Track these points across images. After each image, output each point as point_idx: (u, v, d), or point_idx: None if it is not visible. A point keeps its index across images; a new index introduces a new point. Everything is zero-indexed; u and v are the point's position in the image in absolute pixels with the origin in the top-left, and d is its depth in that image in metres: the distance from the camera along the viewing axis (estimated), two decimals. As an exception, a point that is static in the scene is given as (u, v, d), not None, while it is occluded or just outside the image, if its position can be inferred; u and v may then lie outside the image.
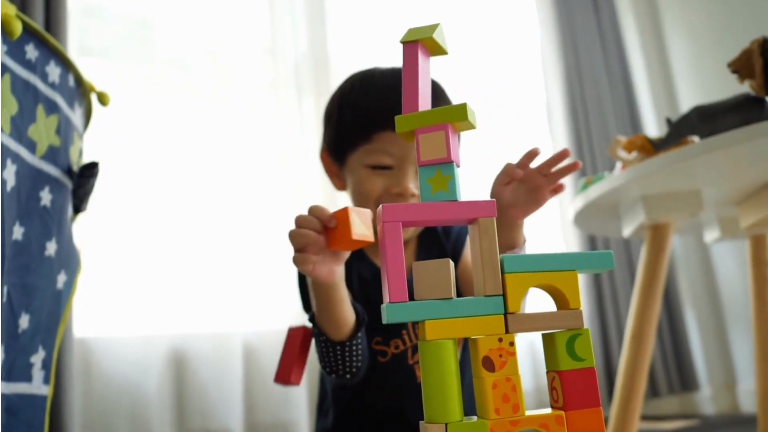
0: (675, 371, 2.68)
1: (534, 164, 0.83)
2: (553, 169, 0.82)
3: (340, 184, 1.07)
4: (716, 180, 1.29)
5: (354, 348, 0.86)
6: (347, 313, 0.84)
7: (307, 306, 0.99)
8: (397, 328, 0.99)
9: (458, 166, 0.59)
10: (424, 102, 0.62)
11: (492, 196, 0.84)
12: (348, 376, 0.89)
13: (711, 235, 1.64)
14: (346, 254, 0.78)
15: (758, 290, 1.66)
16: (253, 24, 2.23)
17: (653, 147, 1.21)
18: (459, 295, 1.00)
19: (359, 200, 1.01)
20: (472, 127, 0.61)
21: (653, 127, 2.88)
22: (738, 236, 1.65)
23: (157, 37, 2.09)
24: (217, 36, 2.17)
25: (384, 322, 0.55)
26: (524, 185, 0.83)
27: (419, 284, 0.56)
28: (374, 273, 1.02)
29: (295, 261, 0.74)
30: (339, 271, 0.78)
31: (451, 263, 0.56)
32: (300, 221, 0.74)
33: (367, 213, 0.72)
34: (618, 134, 2.66)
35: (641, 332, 1.32)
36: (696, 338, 2.79)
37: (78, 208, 1.17)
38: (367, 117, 0.98)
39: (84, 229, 1.66)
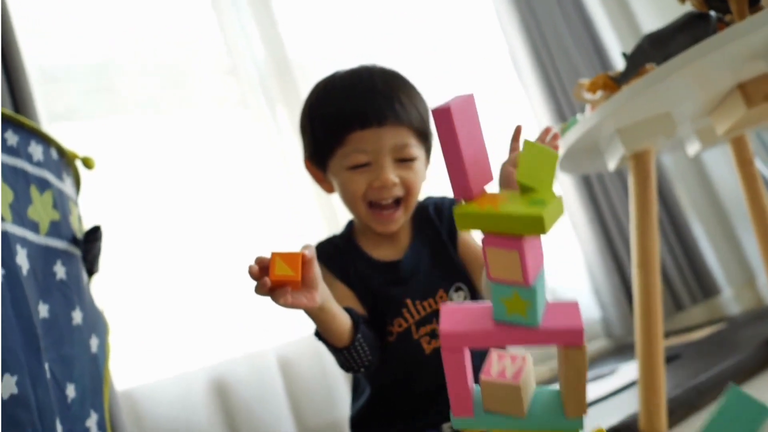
0: (693, 281, 2.74)
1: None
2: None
3: (328, 187, 1.13)
4: (682, 98, 1.33)
5: (358, 348, 0.95)
6: (341, 324, 0.92)
7: None
8: (397, 308, 1.05)
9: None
10: (479, 175, 0.52)
11: (501, 181, 0.89)
12: (362, 369, 0.98)
13: (692, 148, 1.68)
14: (317, 281, 0.85)
15: (750, 188, 1.71)
16: (210, 49, 2.26)
17: (615, 83, 1.25)
18: (466, 273, 1.06)
19: (348, 200, 1.07)
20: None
21: (621, 61, 2.90)
22: (719, 142, 1.70)
23: (120, 83, 2.11)
24: (178, 67, 2.21)
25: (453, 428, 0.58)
26: None
27: (487, 400, 0.55)
28: (371, 265, 1.08)
29: (272, 298, 0.82)
30: (318, 297, 0.85)
31: (525, 385, 0.55)
32: (248, 269, 0.82)
33: (294, 255, 0.80)
34: (589, 72, 2.70)
35: (645, 259, 1.37)
36: (707, 245, 2.84)
37: (91, 272, 1.22)
38: (336, 123, 1.04)
39: (100, 287, 1.71)
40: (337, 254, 1.10)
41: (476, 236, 1.16)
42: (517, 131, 0.91)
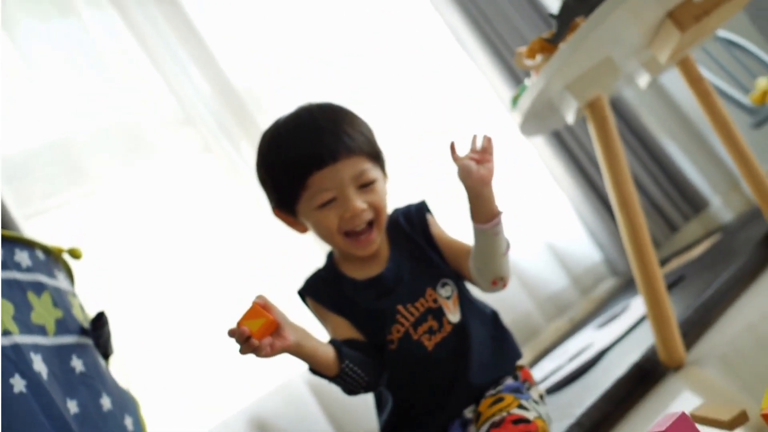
0: (681, 200, 2.79)
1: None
2: (477, 154, 1.00)
3: (301, 228, 1.17)
4: (618, 40, 1.38)
5: (349, 372, 1.03)
6: (324, 354, 1.00)
7: None
8: (391, 317, 1.10)
9: None
10: None
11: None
12: (362, 390, 1.06)
13: (643, 80, 1.72)
14: (289, 325, 0.94)
15: (706, 103, 1.75)
16: (160, 104, 2.27)
17: (551, 44, 1.29)
18: (448, 268, 1.12)
19: (325, 236, 1.12)
20: None
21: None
22: (666, 68, 1.74)
23: (84, 159, 2.12)
24: (136, 130, 2.21)
25: None
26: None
27: None
28: (356, 286, 1.13)
29: (256, 355, 0.91)
30: (290, 335, 0.93)
31: None
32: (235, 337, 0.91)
33: (251, 309, 0.90)
34: (532, 32, 2.72)
35: (623, 198, 1.41)
36: (686, 163, 2.89)
37: (106, 355, 1.25)
38: (294, 170, 1.08)
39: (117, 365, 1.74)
40: (325, 286, 1.14)
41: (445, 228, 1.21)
42: (452, 147, 1.00)
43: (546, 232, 2.68)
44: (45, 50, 2.11)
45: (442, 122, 2.61)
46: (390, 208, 1.16)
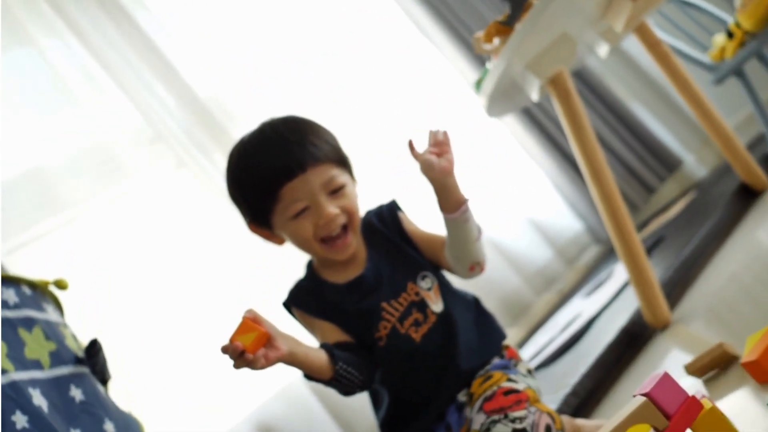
0: (654, 162, 2.83)
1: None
2: (436, 147, 1.04)
3: (278, 241, 1.19)
4: (572, 15, 1.40)
5: (344, 374, 1.06)
6: (317, 359, 1.03)
7: None
8: (377, 315, 1.13)
9: None
10: None
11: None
12: (358, 390, 1.09)
13: (602, 50, 1.74)
14: (280, 335, 0.97)
15: (666, 65, 1.79)
16: (128, 124, 2.26)
17: (507, 26, 1.31)
18: (425, 261, 1.15)
19: (302, 245, 1.14)
20: None
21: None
22: (624, 36, 1.77)
23: (59, 187, 2.12)
24: (107, 152, 2.21)
25: None
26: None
27: None
28: (339, 290, 1.15)
29: (251, 368, 0.93)
30: (282, 344, 0.96)
31: None
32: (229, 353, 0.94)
33: (242, 324, 0.93)
34: (494, 13, 2.74)
35: (594, 168, 1.44)
36: (655, 124, 2.93)
37: (104, 381, 1.26)
38: (264, 185, 1.11)
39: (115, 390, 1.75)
40: (308, 295, 1.17)
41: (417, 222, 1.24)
42: (410, 145, 1.04)
43: (526, 208, 2.71)
44: (6, 81, 2.10)
45: (416, 115, 2.63)
46: (362, 211, 1.18)
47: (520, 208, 2.69)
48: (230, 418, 1.92)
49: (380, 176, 2.42)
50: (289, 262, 2.08)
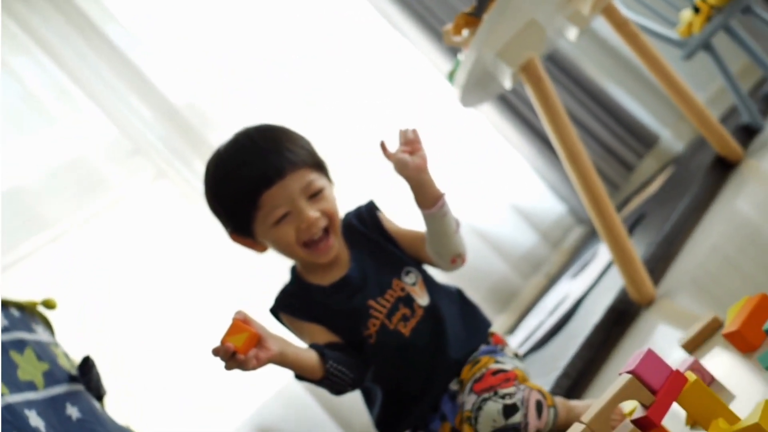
0: (631, 139, 2.86)
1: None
2: (408, 146, 1.08)
3: (261, 248, 1.20)
4: (538, 2, 1.42)
5: (335, 372, 1.07)
6: (308, 359, 1.05)
7: None
8: (365, 313, 1.14)
9: None
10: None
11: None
12: (349, 388, 1.11)
13: (572, 33, 1.76)
14: (270, 336, 0.98)
15: (634, 44, 1.81)
16: (105, 138, 2.25)
17: (474, 17, 1.32)
18: (407, 257, 1.17)
19: (285, 251, 1.16)
20: None
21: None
22: (592, 18, 1.78)
23: (40, 206, 2.11)
24: (86, 168, 2.20)
25: None
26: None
27: None
28: (326, 292, 1.17)
29: (243, 369, 0.94)
30: (273, 345, 0.97)
31: None
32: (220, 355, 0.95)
33: (233, 325, 0.95)
34: (464, 3, 2.74)
35: (570, 152, 1.46)
36: (629, 101, 2.95)
37: (100, 397, 1.27)
38: (244, 194, 1.12)
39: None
40: (295, 299, 1.18)
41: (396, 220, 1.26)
42: (382, 146, 1.07)
43: (508, 194, 2.73)
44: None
45: (394, 111, 2.64)
46: (341, 213, 1.19)
47: (502, 194, 2.71)
48: (228, 422, 1.92)
49: (360, 176, 2.43)
50: (277, 265, 2.10)
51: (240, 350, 0.93)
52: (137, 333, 1.98)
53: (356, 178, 2.40)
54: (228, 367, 0.94)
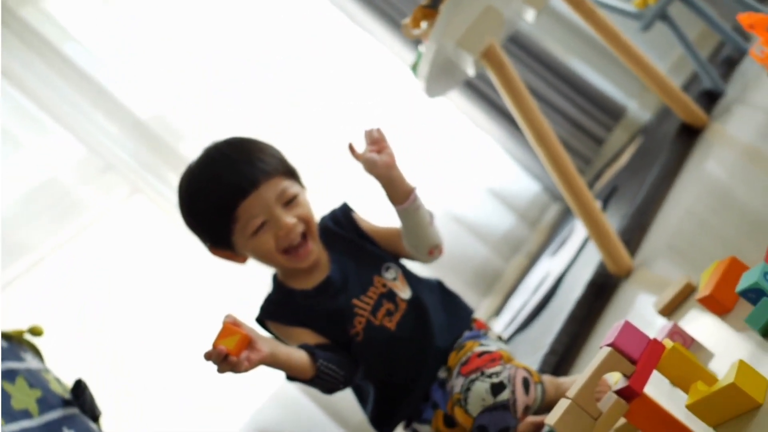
0: (599, 113, 2.89)
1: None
2: (374, 145, 1.11)
3: (241, 260, 1.22)
4: (494, -12, 1.43)
5: (326, 371, 1.09)
6: (299, 359, 1.06)
7: None
8: (350, 312, 1.16)
9: None
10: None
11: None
12: (341, 387, 1.13)
13: (529, 15, 1.78)
14: (260, 338, 0.99)
15: (593, 21, 1.84)
16: (75, 160, 2.24)
17: (431, 9, 1.34)
18: (386, 253, 1.20)
19: (266, 259, 1.17)
20: None
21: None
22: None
23: (17, 233, 2.09)
24: (56, 192, 2.18)
25: None
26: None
27: None
28: (309, 296, 1.18)
29: (234, 371, 0.95)
30: (263, 346, 0.98)
31: None
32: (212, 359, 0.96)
33: (223, 328, 0.95)
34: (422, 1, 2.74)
35: (538, 133, 1.48)
36: (593, 75, 2.98)
37: (95, 418, 1.28)
38: (220, 208, 1.13)
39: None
40: (280, 307, 1.20)
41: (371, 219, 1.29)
42: (350, 148, 1.10)
43: (482, 178, 2.76)
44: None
45: (362, 108, 2.65)
46: (317, 217, 1.21)
47: (476, 179, 2.74)
48: (226, 425, 1.94)
49: (332, 178, 2.44)
50: (260, 270, 2.11)
51: (232, 352, 0.94)
52: (128, 348, 1.99)
53: (329, 180, 2.41)
54: (221, 370, 0.95)
